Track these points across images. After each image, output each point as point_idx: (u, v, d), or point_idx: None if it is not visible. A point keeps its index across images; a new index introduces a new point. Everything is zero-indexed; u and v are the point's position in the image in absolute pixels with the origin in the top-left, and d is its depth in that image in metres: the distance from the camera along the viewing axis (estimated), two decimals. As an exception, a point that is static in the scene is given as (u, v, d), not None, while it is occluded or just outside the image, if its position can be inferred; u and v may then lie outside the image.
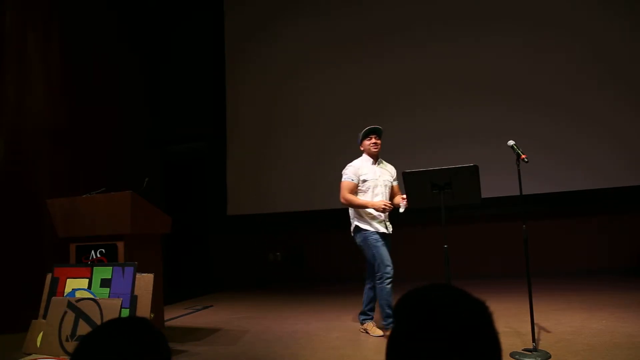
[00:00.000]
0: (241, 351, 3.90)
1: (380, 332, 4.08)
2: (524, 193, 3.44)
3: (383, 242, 4.05)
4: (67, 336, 3.58)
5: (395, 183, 4.32)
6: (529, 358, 3.21)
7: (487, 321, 0.87)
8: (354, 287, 6.59)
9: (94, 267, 3.81)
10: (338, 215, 7.26)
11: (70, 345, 3.54)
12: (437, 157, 6.41)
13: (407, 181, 3.34)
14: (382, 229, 4.11)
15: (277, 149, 7.65)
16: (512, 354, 3.29)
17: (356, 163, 4.25)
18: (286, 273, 7.65)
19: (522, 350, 3.33)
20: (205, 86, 8.09)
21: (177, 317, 5.46)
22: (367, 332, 4.17)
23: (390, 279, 3.93)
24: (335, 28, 7.46)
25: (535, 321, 3.47)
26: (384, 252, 4.01)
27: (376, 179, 4.15)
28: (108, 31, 6.66)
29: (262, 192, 7.65)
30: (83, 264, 3.95)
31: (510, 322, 4.10)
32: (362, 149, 4.27)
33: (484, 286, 5.80)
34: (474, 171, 3.22)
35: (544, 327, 3.91)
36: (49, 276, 3.93)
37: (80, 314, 3.60)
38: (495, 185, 5.91)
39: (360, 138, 4.23)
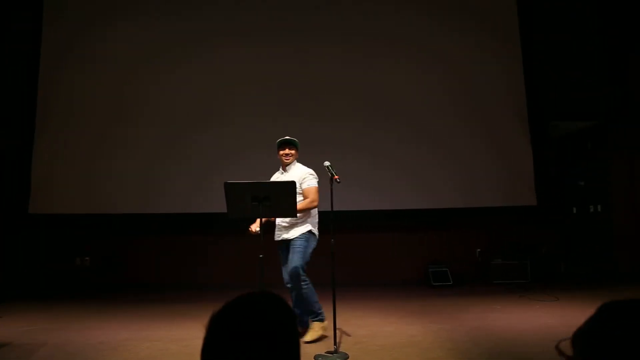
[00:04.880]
0: (34, 367, 3.55)
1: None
2: (335, 209, 3.78)
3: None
4: None
5: (304, 186, 4.13)
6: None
7: (286, 317, 0.99)
8: (172, 296, 6.41)
9: None
10: (149, 220, 6.97)
11: None
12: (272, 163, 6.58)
13: (228, 191, 3.42)
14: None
15: (90, 148, 6.99)
16: (315, 357, 3.57)
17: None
18: (99, 280, 7.07)
19: (325, 352, 3.65)
20: (17, 76, 7.16)
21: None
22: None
23: None
24: (171, 29, 7.21)
25: (337, 326, 3.83)
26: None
27: None
28: None
29: (77, 191, 6.92)
30: None
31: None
32: None
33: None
34: (291, 187, 3.45)
35: (345, 331, 4.31)
36: None
37: None
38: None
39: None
